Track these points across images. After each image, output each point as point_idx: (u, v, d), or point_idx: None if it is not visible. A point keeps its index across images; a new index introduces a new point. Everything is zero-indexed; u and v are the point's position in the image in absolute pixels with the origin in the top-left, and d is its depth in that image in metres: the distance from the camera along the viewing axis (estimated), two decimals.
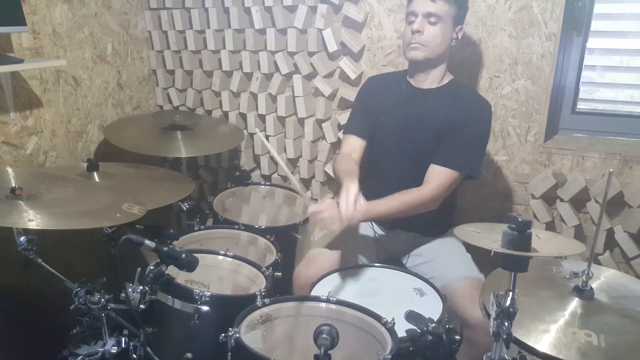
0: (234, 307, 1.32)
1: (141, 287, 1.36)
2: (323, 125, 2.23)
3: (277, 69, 2.22)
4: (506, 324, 1.01)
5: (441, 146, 1.65)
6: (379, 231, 1.86)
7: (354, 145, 1.81)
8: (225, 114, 2.45)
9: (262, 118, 2.37)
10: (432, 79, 1.71)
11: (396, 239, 1.84)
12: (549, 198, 1.95)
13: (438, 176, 1.63)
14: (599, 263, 1.88)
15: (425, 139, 1.69)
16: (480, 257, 1.72)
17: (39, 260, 1.42)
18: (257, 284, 1.56)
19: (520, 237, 1.00)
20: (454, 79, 1.75)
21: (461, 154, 1.64)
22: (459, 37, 1.68)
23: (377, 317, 1.29)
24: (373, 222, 1.87)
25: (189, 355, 1.36)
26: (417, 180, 1.66)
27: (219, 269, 1.64)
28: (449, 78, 1.74)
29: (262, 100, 2.30)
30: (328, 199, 1.59)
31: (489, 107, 1.68)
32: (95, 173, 1.81)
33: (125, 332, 1.48)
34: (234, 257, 1.64)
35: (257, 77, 2.29)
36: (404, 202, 1.61)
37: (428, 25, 1.61)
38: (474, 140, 1.66)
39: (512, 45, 1.89)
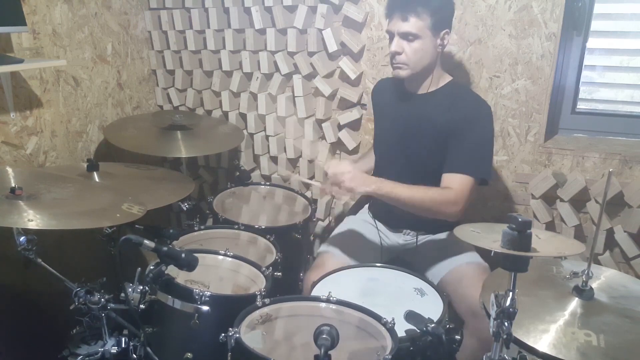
0: (234, 307, 1.32)
1: (141, 287, 1.36)
2: (323, 125, 2.23)
3: (277, 69, 2.22)
4: (506, 324, 1.01)
5: (449, 153, 1.62)
6: (385, 231, 1.86)
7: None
8: (225, 114, 2.45)
9: (262, 118, 2.37)
10: (425, 86, 1.69)
11: (403, 238, 1.85)
12: (549, 198, 1.95)
13: (455, 182, 1.57)
14: (599, 263, 1.88)
15: (424, 142, 1.68)
16: (481, 257, 1.72)
17: (39, 260, 1.42)
18: (257, 284, 1.56)
19: (520, 237, 1.00)
20: (452, 80, 1.72)
21: (471, 159, 1.59)
22: (445, 42, 1.62)
23: (377, 317, 1.29)
24: (377, 222, 1.87)
25: (189, 355, 1.36)
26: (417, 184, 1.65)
27: (219, 268, 1.64)
28: (446, 80, 1.70)
29: (262, 100, 2.30)
30: (347, 161, 1.58)
31: (489, 108, 1.64)
32: (95, 173, 1.81)
33: (125, 332, 1.48)
34: (234, 257, 1.64)
35: (257, 77, 2.29)
36: (429, 195, 1.54)
37: (406, 43, 1.58)
38: (479, 143, 1.61)
39: (512, 45, 1.89)
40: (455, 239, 1.75)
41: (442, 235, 1.81)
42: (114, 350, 1.47)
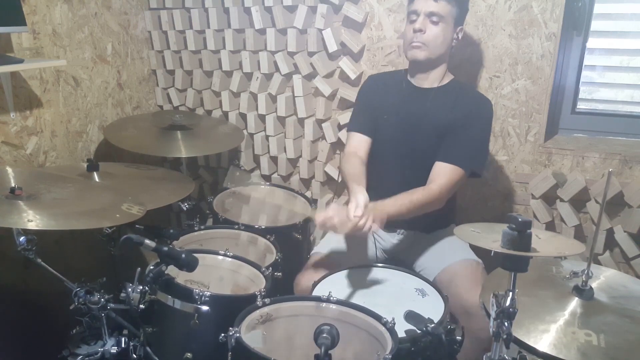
0: (234, 307, 1.31)
1: (141, 287, 1.36)
2: (323, 125, 2.23)
3: (277, 69, 2.22)
4: (506, 324, 1.01)
5: (444, 143, 1.65)
6: (379, 230, 1.86)
7: (360, 143, 1.80)
8: (225, 114, 2.45)
9: (262, 118, 2.37)
10: (432, 79, 1.71)
11: (397, 237, 1.85)
12: (549, 198, 1.95)
13: (444, 174, 1.62)
14: (599, 263, 1.88)
15: (426, 137, 1.69)
16: (480, 257, 1.72)
17: (39, 260, 1.42)
18: (257, 284, 1.56)
19: (520, 237, 1.00)
20: (455, 78, 1.75)
21: (465, 151, 1.64)
22: (459, 37, 1.68)
23: (378, 317, 1.29)
24: None
25: (189, 355, 1.36)
26: (418, 179, 1.65)
27: (219, 269, 1.64)
28: (449, 78, 1.74)
29: (262, 100, 2.30)
30: (332, 204, 1.58)
31: (490, 104, 1.68)
32: (95, 173, 1.81)
33: (125, 332, 1.48)
34: (234, 257, 1.64)
35: (257, 77, 2.29)
36: (414, 201, 1.57)
37: (430, 24, 1.61)
38: (477, 137, 1.66)
39: (512, 45, 1.89)
40: (447, 235, 1.79)
41: (435, 234, 1.82)
42: (114, 350, 1.47)
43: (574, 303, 1.14)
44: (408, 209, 1.58)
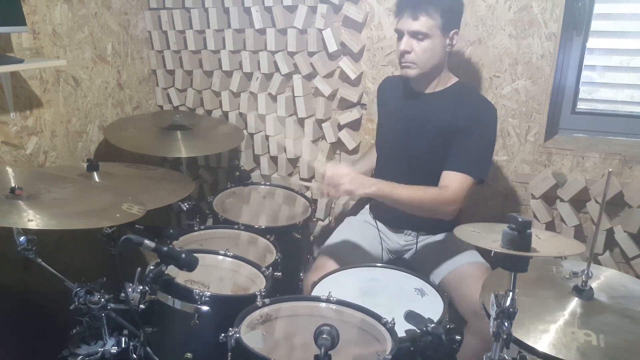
0: (234, 307, 1.32)
1: (141, 287, 1.36)
2: (323, 125, 2.23)
3: (277, 69, 2.22)
4: (506, 324, 1.01)
5: (451, 151, 1.62)
6: (385, 231, 1.87)
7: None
8: (225, 114, 2.45)
9: (262, 118, 2.37)
10: (433, 85, 1.70)
11: (403, 238, 1.85)
12: (549, 198, 1.95)
13: (454, 181, 1.58)
14: (599, 263, 1.88)
15: (428, 142, 1.68)
16: (481, 256, 1.72)
17: (39, 260, 1.42)
18: (257, 284, 1.56)
19: (520, 237, 1.00)
20: (459, 81, 1.72)
21: (472, 159, 1.60)
22: (454, 43, 1.62)
23: (378, 317, 1.29)
24: (378, 223, 1.88)
25: (189, 355, 1.36)
26: (419, 184, 1.65)
27: (219, 269, 1.64)
28: (452, 80, 1.71)
29: (262, 100, 2.31)
30: (344, 163, 1.57)
31: (494, 110, 1.65)
32: (95, 173, 1.81)
33: (125, 332, 1.48)
34: (234, 257, 1.64)
35: (257, 77, 2.29)
36: (429, 195, 1.55)
37: (416, 42, 1.58)
38: (482, 144, 1.62)
39: (512, 45, 1.89)
40: (454, 238, 1.78)
41: (442, 236, 1.82)
42: (114, 350, 1.47)
43: (574, 303, 1.14)
44: (421, 200, 1.55)
